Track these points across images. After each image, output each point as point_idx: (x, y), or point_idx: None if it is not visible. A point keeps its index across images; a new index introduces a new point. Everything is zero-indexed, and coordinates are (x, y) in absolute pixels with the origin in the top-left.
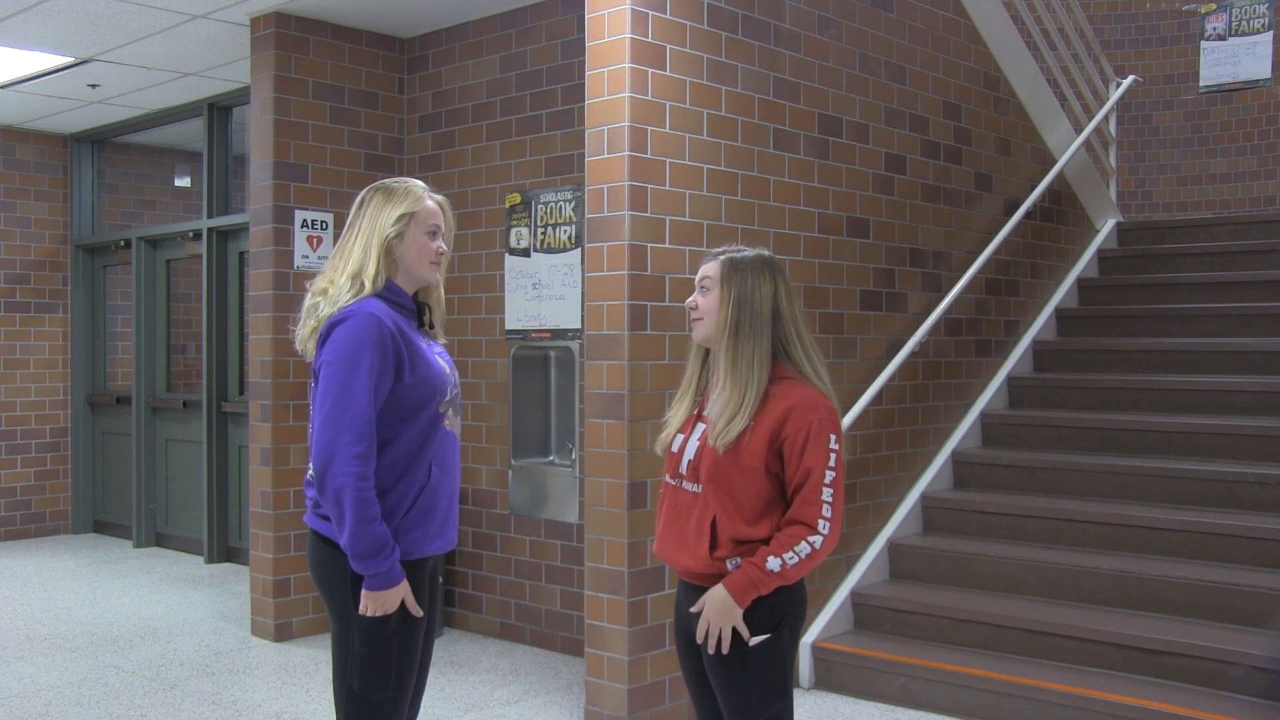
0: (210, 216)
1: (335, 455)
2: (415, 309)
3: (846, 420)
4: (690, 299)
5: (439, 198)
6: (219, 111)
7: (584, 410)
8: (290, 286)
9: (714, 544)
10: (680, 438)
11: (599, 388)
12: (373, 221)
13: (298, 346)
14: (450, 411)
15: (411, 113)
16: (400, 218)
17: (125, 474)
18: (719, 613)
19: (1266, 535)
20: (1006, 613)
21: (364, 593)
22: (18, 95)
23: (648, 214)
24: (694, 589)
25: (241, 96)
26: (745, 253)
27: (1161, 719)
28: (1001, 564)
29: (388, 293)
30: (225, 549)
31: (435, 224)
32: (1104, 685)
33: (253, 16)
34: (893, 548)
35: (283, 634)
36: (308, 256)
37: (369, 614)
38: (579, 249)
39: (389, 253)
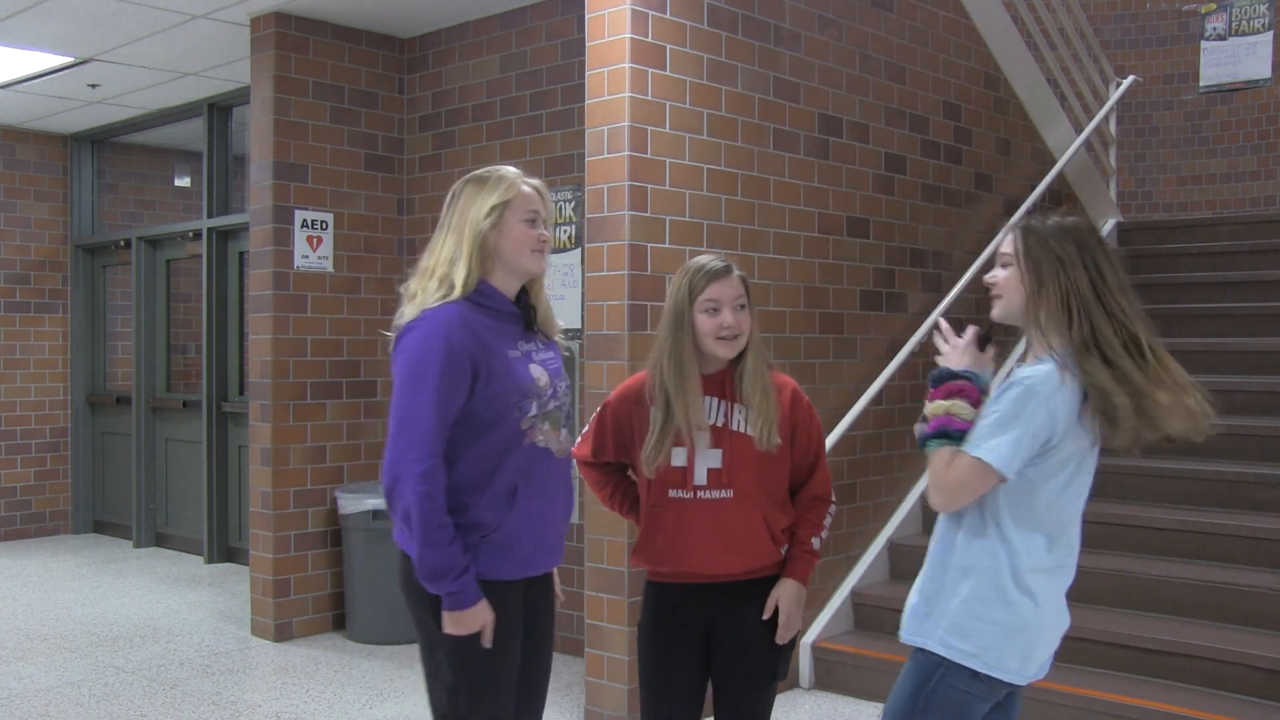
0: (210, 216)
1: (400, 474)
2: (517, 312)
3: (846, 420)
4: (727, 323)
5: (535, 182)
6: (219, 111)
7: (584, 410)
8: (290, 286)
9: (772, 539)
10: (680, 451)
11: (599, 388)
12: (464, 215)
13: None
14: (546, 425)
15: (411, 113)
16: (494, 208)
17: (125, 474)
18: (798, 604)
19: (1266, 535)
20: None
21: (444, 614)
22: (18, 95)
23: (648, 214)
24: (723, 590)
25: (241, 96)
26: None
27: (1161, 719)
28: None
29: (478, 296)
30: (225, 549)
31: (533, 209)
32: (1104, 685)
33: (253, 16)
34: (893, 548)
35: (283, 634)
36: (308, 256)
37: (452, 632)
38: (579, 249)
39: (484, 247)
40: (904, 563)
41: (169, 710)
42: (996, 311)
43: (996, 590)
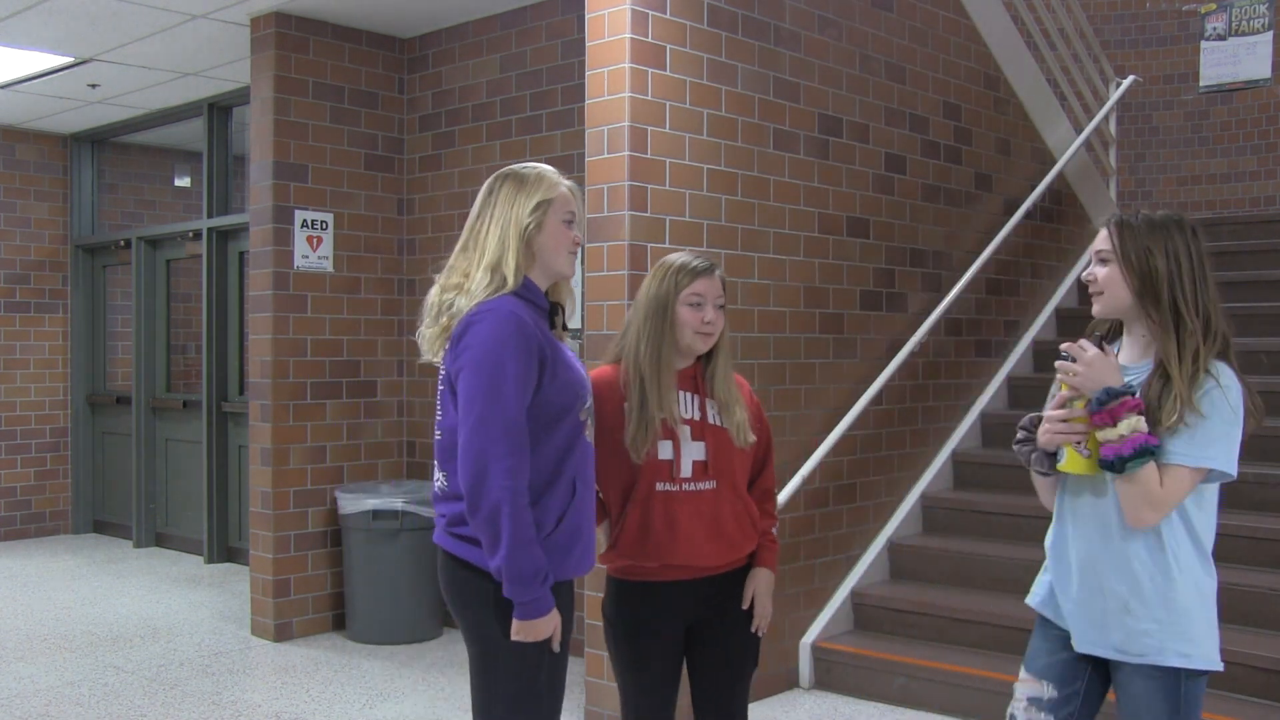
0: (210, 216)
1: (488, 470)
2: (548, 309)
3: (846, 420)
4: (708, 319)
5: (570, 182)
6: (219, 111)
7: None
8: (290, 286)
9: (753, 528)
10: (665, 444)
11: None
12: (506, 211)
13: (424, 348)
14: (588, 420)
15: (411, 113)
16: (538, 206)
17: (125, 474)
18: (770, 593)
19: (1266, 535)
20: (1006, 613)
21: (515, 621)
22: (18, 95)
23: (648, 214)
24: (705, 584)
25: (241, 96)
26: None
27: None
28: (1001, 564)
29: (525, 291)
30: (225, 549)
31: (571, 210)
32: None
33: (253, 16)
34: (893, 548)
35: (283, 634)
36: (308, 256)
37: (520, 639)
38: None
39: (527, 245)
40: (904, 563)
41: (169, 710)
42: (1098, 308)
43: (1198, 588)
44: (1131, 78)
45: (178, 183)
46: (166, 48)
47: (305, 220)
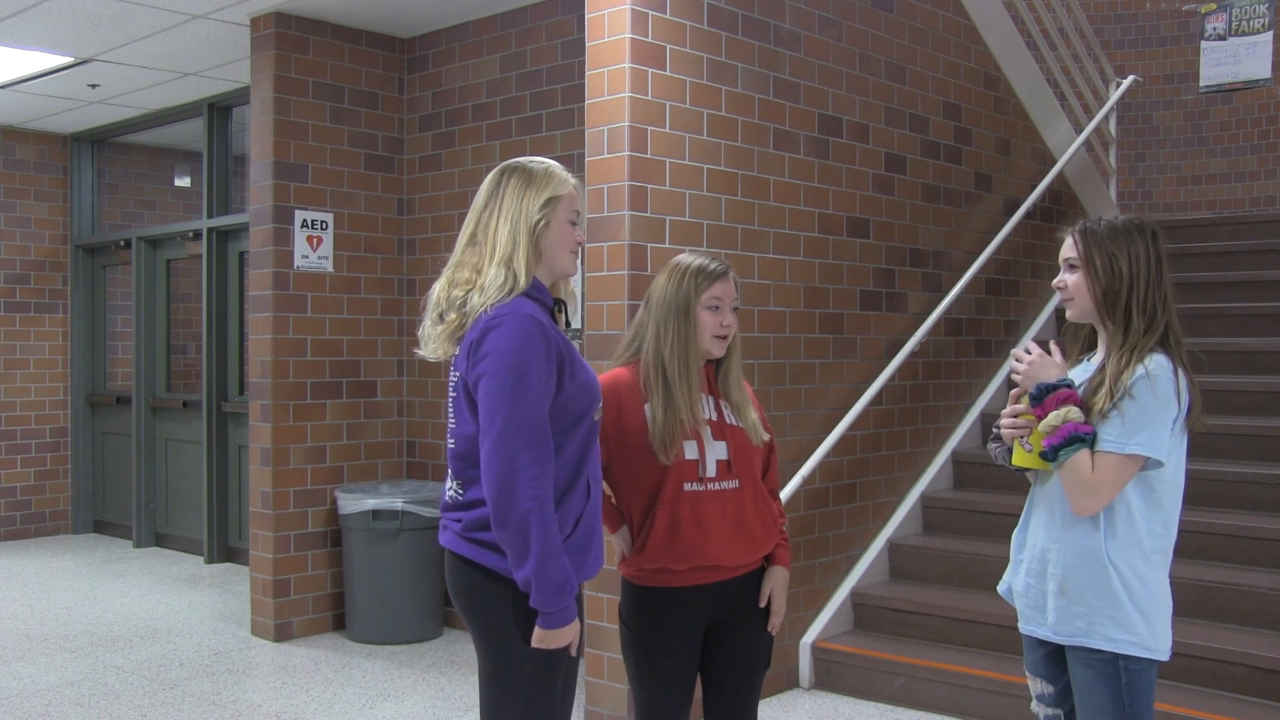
0: (210, 216)
1: (515, 479)
2: (552, 307)
3: (846, 420)
4: (727, 322)
5: (575, 180)
6: (219, 111)
7: None
8: (290, 286)
9: (774, 526)
10: (690, 445)
11: None
12: (515, 206)
13: (425, 344)
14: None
15: (411, 113)
16: (547, 203)
17: (125, 474)
18: (786, 591)
19: (1266, 535)
20: (1006, 612)
21: (539, 630)
22: (18, 95)
23: (648, 214)
24: (728, 585)
25: (241, 96)
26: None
27: (1161, 719)
28: (1002, 564)
29: (534, 290)
30: (225, 549)
31: (577, 210)
32: None
33: (253, 16)
34: (893, 548)
35: (283, 634)
36: (308, 256)
37: (541, 647)
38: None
39: (535, 243)
40: (904, 563)
41: (169, 710)
42: (1071, 314)
43: (1139, 577)
44: (1131, 78)
45: (178, 183)
46: (166, 48)
47: (305, 220)
